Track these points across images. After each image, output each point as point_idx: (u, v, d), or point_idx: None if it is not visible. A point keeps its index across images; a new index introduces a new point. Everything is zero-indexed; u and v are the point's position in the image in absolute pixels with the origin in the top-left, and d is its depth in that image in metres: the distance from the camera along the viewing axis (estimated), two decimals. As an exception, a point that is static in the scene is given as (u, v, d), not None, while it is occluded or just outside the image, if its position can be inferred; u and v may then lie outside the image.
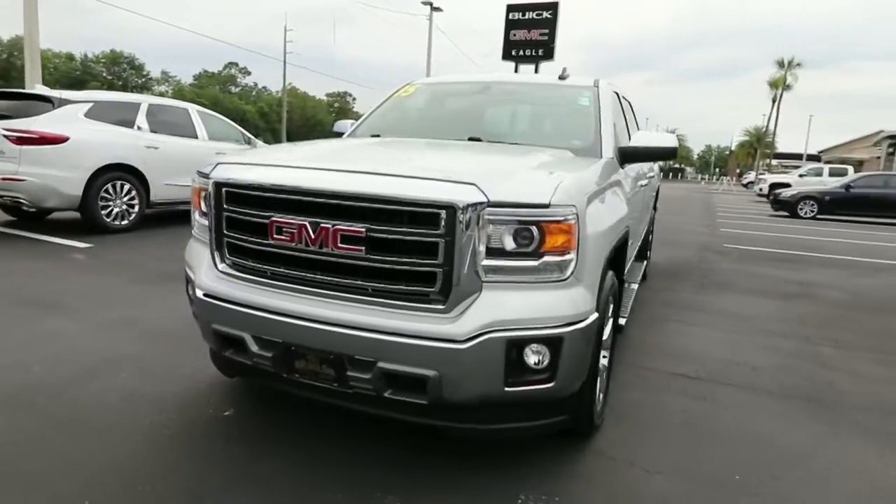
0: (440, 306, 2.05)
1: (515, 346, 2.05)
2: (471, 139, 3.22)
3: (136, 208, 7.67)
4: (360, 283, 2.13)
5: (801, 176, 27.39)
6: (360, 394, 2.20)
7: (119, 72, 66.95)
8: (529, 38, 36.21)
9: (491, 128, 3.42)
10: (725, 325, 4.68)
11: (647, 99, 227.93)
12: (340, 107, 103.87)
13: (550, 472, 2.35)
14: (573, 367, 2.17)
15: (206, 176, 2.48)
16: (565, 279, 2.11)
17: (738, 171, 70.01)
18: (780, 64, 39.18)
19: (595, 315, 2.22)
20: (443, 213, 1.99)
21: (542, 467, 2.39)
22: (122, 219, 7.53)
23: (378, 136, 3.47)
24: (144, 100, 8.20)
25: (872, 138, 50.04)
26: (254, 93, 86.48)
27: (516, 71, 36.98)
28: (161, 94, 53.08)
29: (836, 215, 17.09)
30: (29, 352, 3.33)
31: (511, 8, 33.40)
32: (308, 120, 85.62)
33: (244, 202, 2.30)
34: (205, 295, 2.40)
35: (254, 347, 2.29)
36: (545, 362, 2.09)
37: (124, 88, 58.31)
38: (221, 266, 2.41)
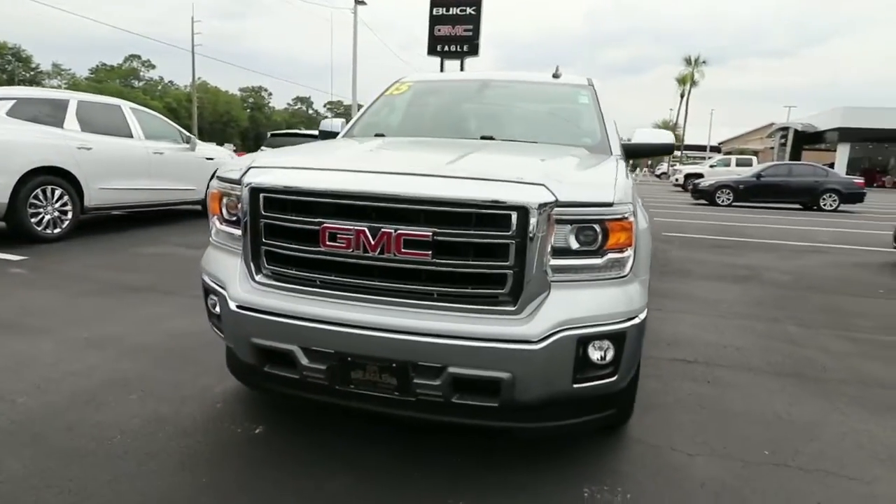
0: (510, 307, 2.04)
1: (583, 344, 2.08)
2: (483, 138, 3.22)
3: (70, 215, 7.06)
4: (424, 287, 2.08)
5: (711, 167, 29.37)
6: (421, 401, 2.15)
7: (2, 64, 61.13)
8: (454, 34, 36.49)
9: (499, 126, 3.42)
10: (699, 310, 4.96)
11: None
12: (256, 102, 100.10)
13: (605, 464, 2.41)
14: (631, 360, 2.23)
15: (234, 181, 2.34)
16: (625, 276, 2.16)
17: (649, 162, 73.91)
18: (688, 61, 42.08)
19: (646, 309, 2.29)
20: (514, 214, 1.98)
21: (596, 460, 2.44)
22: (55, 227, 6.91)
23: (382, 135, 3.38)
24: (73, 96, 7.53)
25: (765, 130, 54.44)
26: (160, 87, 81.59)
27: (441, 68, 37.21)
28: (56, 89, 48.88)
29: (748, 202, 18.53)
30: (5, 380, 2.99)
31: (435, 3, 33.46)
32: (221, 116, 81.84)
33: (288, 208, 2.18)
34: (240, 307, 2.25)
35: (303, 360, 2.18)
36: (608, 357, 2.13)
37: (10, 83, 53.18)
38: (259, 277, 2.28)
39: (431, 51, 37.94)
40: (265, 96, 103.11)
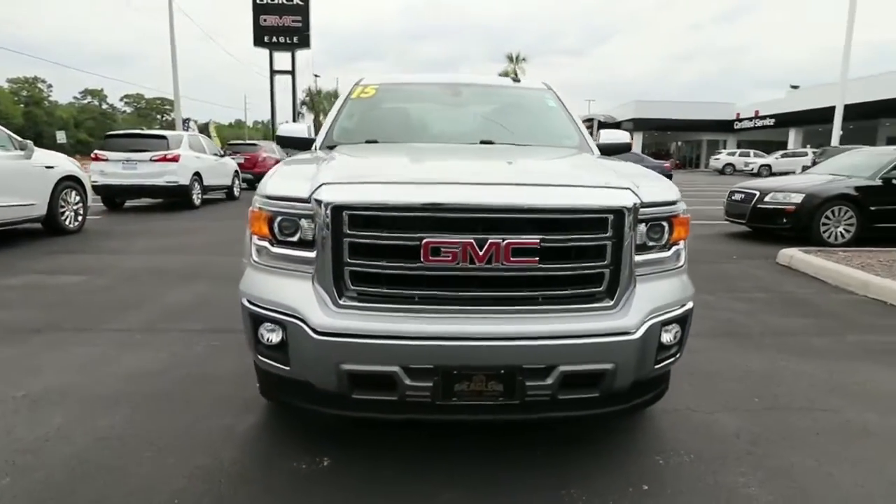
0: (608, 303, 2.21)
1: (663, 328, 2.32)
2: (483, 142, 3.31)
3: None
4: (530, 293, 2.16)
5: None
6: (526, 402, 2.21)
7: None
8: (282, 25, 35.30)
9: (489, 131, 3.51)
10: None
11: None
12: (32, 96, 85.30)
13: (660, 435, 2.71)
14: (686, 340, 2.54)
15: (298, 199, 2.17)
16: (682, 266, 2.45)
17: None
18: (510, 58, 45.54)
19: (692, 293, 2.61)
20: (611, 216, 2.15)
21: (650, 433, 2.72)
22: None
23: (375, 141, 3.29)
24: None
25: None
26: None
27: (271, 62, 35.36)
28: None
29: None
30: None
31: (257, -11, 31.50)
32: (-19, 113, 68.55)
33: (381, 225, 2.10)
34: (327, 334, 2.11)
35: (406, 381, 2.12)
36: (676, 339, 2.41)
37: None
38: (343, 300, 2.15)
39: (258, 41, 36.16)
40: (43, 88, 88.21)
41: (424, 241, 2.06)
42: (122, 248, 7.44)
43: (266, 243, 2.29)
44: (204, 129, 33.11)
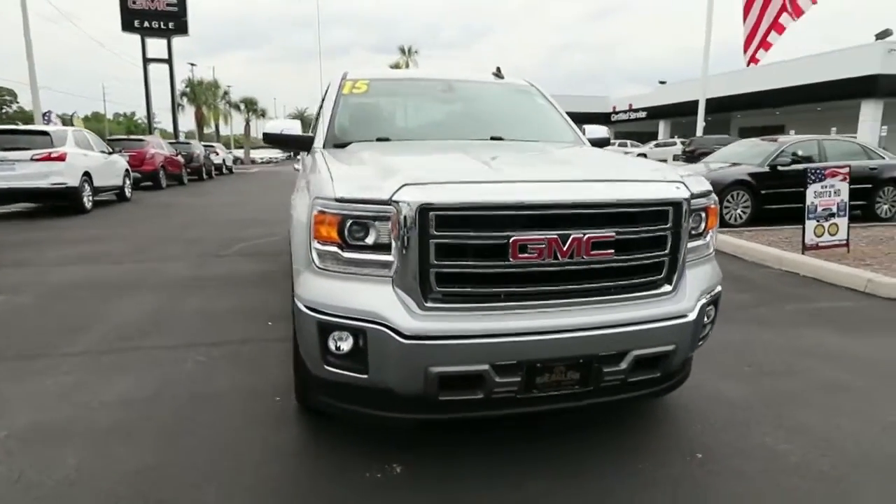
0: (668, 289, 2.37)
1: (706, 309, 2.53)
2: (493, 138, 3.35)
3: None
4: (605, 284, 2.26)
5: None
6: (600, 388, 2.32)
7: None
8: (154, 9, 32.52)
9: (495, 127, 3.52)
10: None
11: (262, 77, 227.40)
12: None
13: (685, 408, 2.93)
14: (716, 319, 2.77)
15: (378, 202, 2.10)
16: (712, 251, 2.68)
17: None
18: (402, 50, 45.48)
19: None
20: (671, 208, 2.30)
21: (676, 407, 2.94)
22: None
23: (387, 139, 3.21)
24: None
25: None
26: None
27: (143, 46, 32.44)
28: None
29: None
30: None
31: (122, -31, 28.69)
32: None
33: (469, 225, 2.09)
34: (415, 338, 2.08)
35: (495, 378, 2.14)
36: (711, 318, 2.63)
37: None
38: (429, 302, 2.12)
39: (127, 27, 33.00)
40: None
41: (512, 238, 2.09)
42: (30, 260, 6.54)
43: (335, 248, 2.18)
44: (68, 123, 29.60)
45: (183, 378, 3.28)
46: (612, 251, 2.21)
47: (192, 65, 44.30)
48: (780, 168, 8.97)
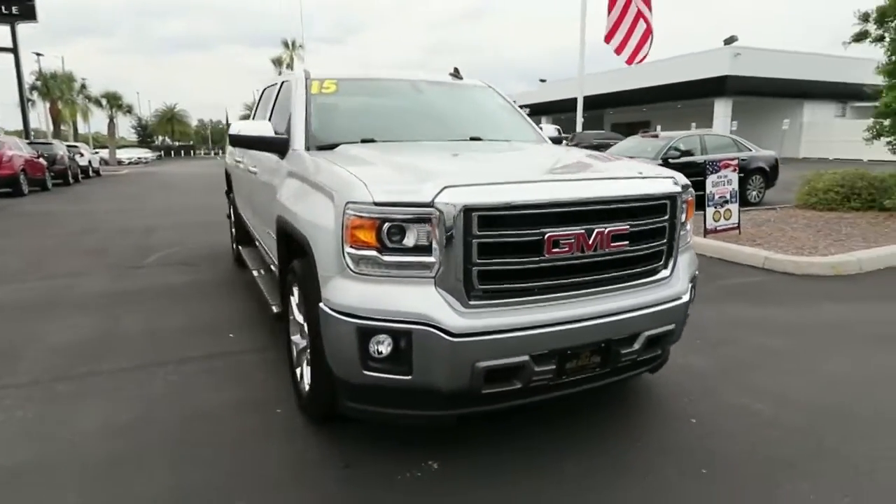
0: (666, 274, 2.63)
1: (691, 291, 2.83)
2: (472, 139, 3.46)
3: None
4: (620, 272, 2.47)
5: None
6: (617, 367, 2.53)
7: None
8: (-6, -10, 28.29)
9: (469, 127, 3.60)
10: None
11: (117, 69, 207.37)
12: None
13: (666, 383, 3.24)
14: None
15: (419, 204, 2.14)
16: (690, 240, 2.99)
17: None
18: (286, 44, 43.66)
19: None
20: (668, 201, 2.57)
21: (657, 383, 3.25)
22: None
23: (372, 140, 3.20)
24: None
25: None
26: None
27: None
28: None
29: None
30: None
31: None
32: None
33: (509, 224, 2.20)
34: (463, 335, 2.15)
35: (535, 368, 2.28)
36: (692, 297, 2.94)
37: None
38: (472, 300, 2.20)
39: (-41, 10, 28.41)
40: None
41: (547, 235, 2.23)
42: None
43: (374, 252, 2.18)
44: None
45: (163, 399, 3.06)
46: (627, 242, 2.42)
47: (39, 55, 39.33)
48: (670, 161, 9.92)
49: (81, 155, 25.27)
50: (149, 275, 5.86)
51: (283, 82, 4.12)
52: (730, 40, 27.68)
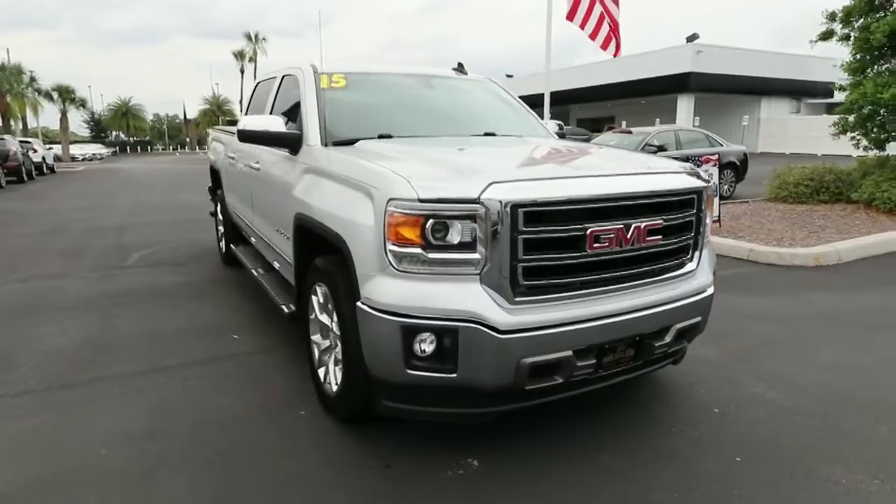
0: (693, 267, 2.68)
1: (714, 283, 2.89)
2: (486, 134, 3.45)
3: None
4: (653, 266, 2.50)
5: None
6: (648, 360, 2.57)
7: None
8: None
9: (484, 123, 3.60)
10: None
11: (63, 61, 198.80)
12: None
13: (681, 374, 3.31)
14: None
15: (465, 200, 2.12)
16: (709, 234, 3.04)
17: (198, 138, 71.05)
18: (249, 37, 42.56)
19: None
20: (695, 196, 2.61)
21: (670, 375, 3.31)
22: None
23: (389, 136, 3.15)
24: None
25: None
26: None
27: None
28: None
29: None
30: None
31: None
32: None
33: (553, 219, 2.20)
34: (509, 332, 2.15)
35: (577, 363, 2.29)
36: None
37: None
38: (517, 296, 2.19)
39: None
40: None
41: (590, 230, 2.24)
42: None
43: (418, 249, 2.15)
44: None
45: (178, 404, 2.96)
46: (660, 237, 2.45)
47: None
48: (646, 155, 10.12)
49: (35, 151, 24.19)
50: (134, 275, 5.65)
51: (283, 76, 4.02)
52: (692, 38, 28.38)
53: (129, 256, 6.51)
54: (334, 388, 2.73)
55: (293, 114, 3.51)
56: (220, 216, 6.03)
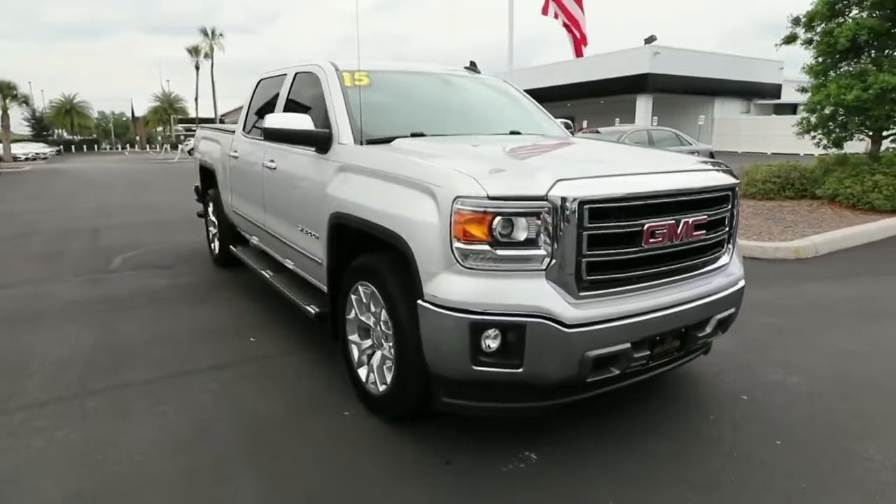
0: (727, 260, 2.80)
1: (743, 276, 3.02)
2: (512, 132, 3.50)
3: None
4: (697, 260, 2.60)
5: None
6: (689, 350, 2.67)
7: None
8: None
9: (509, 122, 3.65)
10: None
11: (2, 55, 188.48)
12: None
13: (702, 362, 3.44)
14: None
15: (533, 198, 2.17)
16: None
17: (158, 137, 68.58)
18: (205, 33, 41.13)
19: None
20: (730, 192, 2.73)
21: (696, 368, 3.44)
22: None
23: (422, 134, 3.15)
24: None
25: None
26: None
27: None
28: None
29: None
30: None
31: None
32: None
33: (614, 215, 2.27)
34: (575, 326, 2.20)
35: (633, 354, 2.37)
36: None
37: None
38: (581, 291, 2.25)
39: None
40: None
41: (646, 225, 2.32)
42: None
43: (485, 246, 2.18)
44: None
45: (214, 409, 2.89)
46: (704, 231, 2.55)
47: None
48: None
49: (-23, 151, 22.88)
50: (123, 279, 5.44)
51: (296, 73, 3.96)
52: (649, 40, 29.19)
53: (111, 260, 6.26)
54: (381, 387, 2.72)
55: (312, 112, 3.46)
56: (212, 217, 5.87)
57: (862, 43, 8.45)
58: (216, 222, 5.70)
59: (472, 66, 4.19)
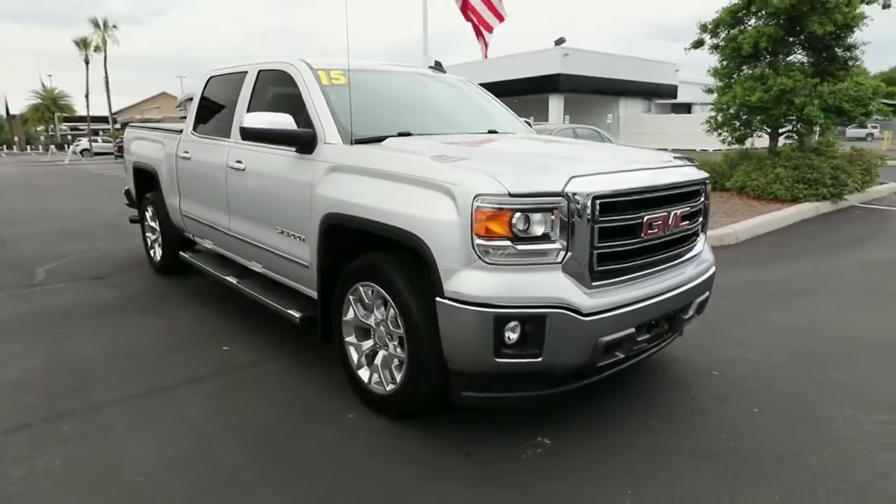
0: (701, 248, 3.05)
1: (708, 262, 3.29)
2: (489, 131, 3.58)
3: None
4: (681, 249, 2.82)
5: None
6: (677, 331, 2.90)
7: None
8: None
9: (485, 121, 3.72)
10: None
11: None
12: None
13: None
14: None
15: (550, 194, 2.27)
16: (697, 217, 3.45)
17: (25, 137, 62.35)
18: (96, 24, 37.55)
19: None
20: (703, 186, 2.98)
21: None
22: None
23: (409, 133, 3.16)
24: None
25: (156, 101, 56.52)
26: None
27: None
28: None
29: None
30: None
31: None
32: None
33: (619, 210, 2.43)
34: (593, 314, 2.34)
35: (636, 338, 2.55)
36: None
37: None
38: (593, 281, 2.38)
39: None
40: None
41: (646, 218, 2.49)
42: None
43: (506, 242, 2.26)
44: None
45: (208, 422, 2.77)
46: (687, 222, 2.78)
47: None
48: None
49: None
50: (54, 292, 4.99)
51: (259, 71, 3.83)
52: (559, 41, 30.42)
53: (33, 272, 5.70)
54: (388, 387, 2.72)
55: (286, 111, 3.37)
56: (150, 222, 5.51)
57: (762, 48, 9.34)
58: (157, 228, 5.36)
59: (438, 66, 4.24)
